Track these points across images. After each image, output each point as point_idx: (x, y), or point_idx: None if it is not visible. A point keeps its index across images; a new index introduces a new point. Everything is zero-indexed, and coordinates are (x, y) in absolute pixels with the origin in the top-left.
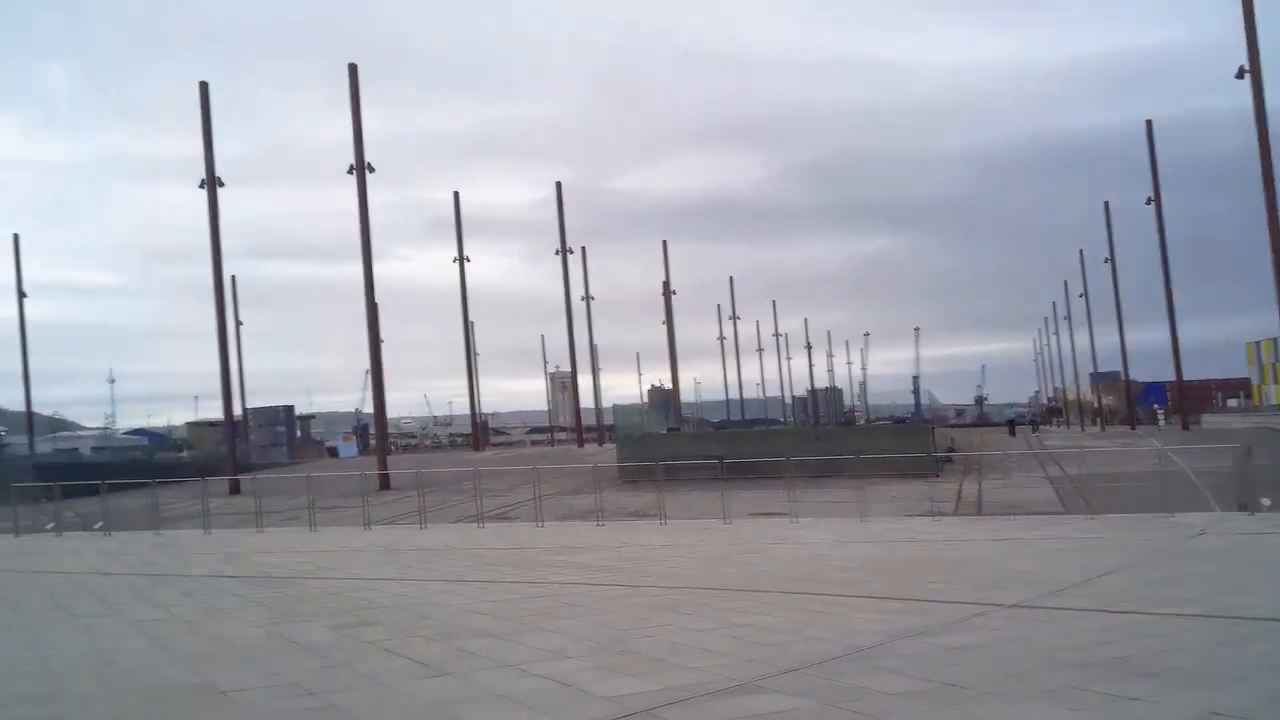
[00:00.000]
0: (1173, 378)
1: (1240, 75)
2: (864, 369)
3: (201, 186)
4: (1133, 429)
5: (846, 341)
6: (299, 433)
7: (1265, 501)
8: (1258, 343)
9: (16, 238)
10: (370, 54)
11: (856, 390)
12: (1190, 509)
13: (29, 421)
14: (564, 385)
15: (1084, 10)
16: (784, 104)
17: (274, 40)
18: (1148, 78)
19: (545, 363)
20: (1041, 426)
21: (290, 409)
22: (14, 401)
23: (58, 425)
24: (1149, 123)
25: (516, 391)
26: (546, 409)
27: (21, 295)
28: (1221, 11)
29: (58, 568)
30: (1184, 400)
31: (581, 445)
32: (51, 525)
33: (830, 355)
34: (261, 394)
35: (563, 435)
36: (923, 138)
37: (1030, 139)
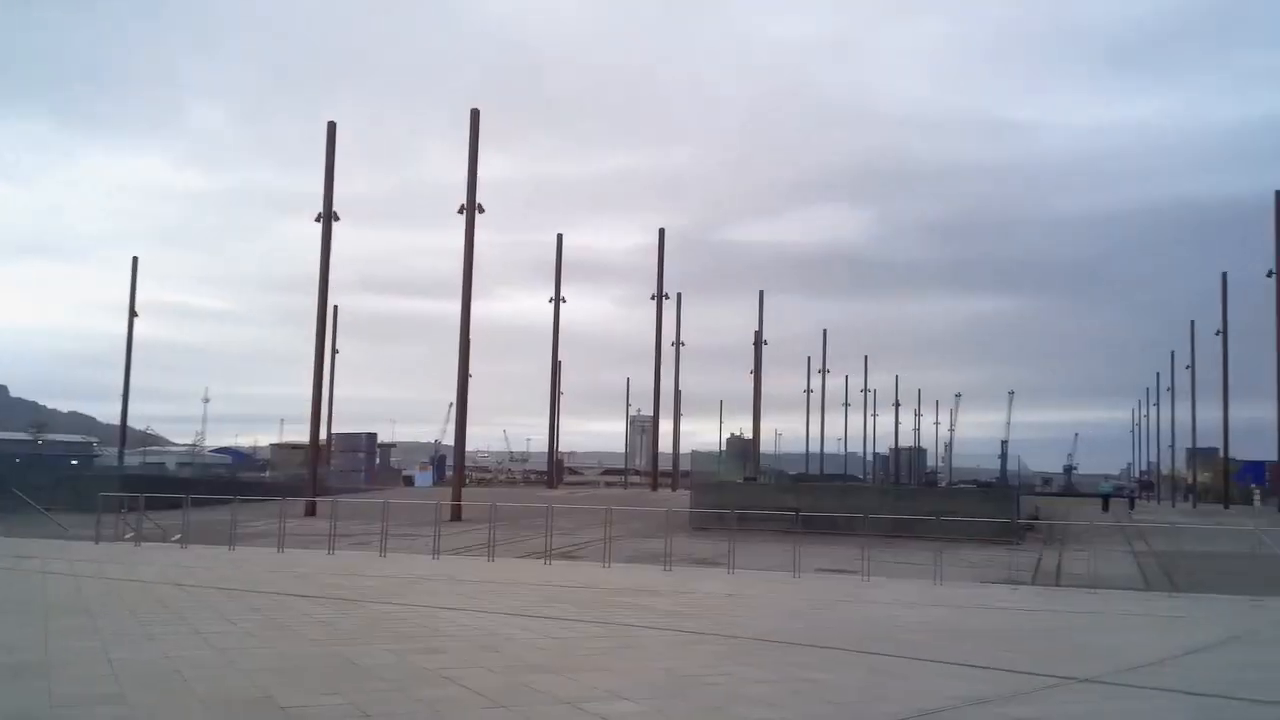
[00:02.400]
0: (1274, 458)
1: None
2: (952, 430)
3: (317, 220)
4: (1226, 507)
5: (937, 401)
6: (378, 460)
7: None
8: None
9: (135, 260)
10: (507, 95)
11: (942, 451)
12: None
13: (122, 435)
14: (643, 428)
15: (1216, 78)
16: (907, 160)
17: (411, 82)
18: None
19: (628, 405)
20: (1138, 503)
21: (373, 436)
22: (111, 415)
23: (150, 440)
24: (1278, 193)
25: (596, 432)
26: (624, 451)
27: (133, 315)
28: None
29: (132, 576)
30: None
31: (655, 489)
32: (131, 534)
33: (919, 414)
34: (348, 419)
35: (637, 478)
36: (1043, 200)
37: (1151, 205)
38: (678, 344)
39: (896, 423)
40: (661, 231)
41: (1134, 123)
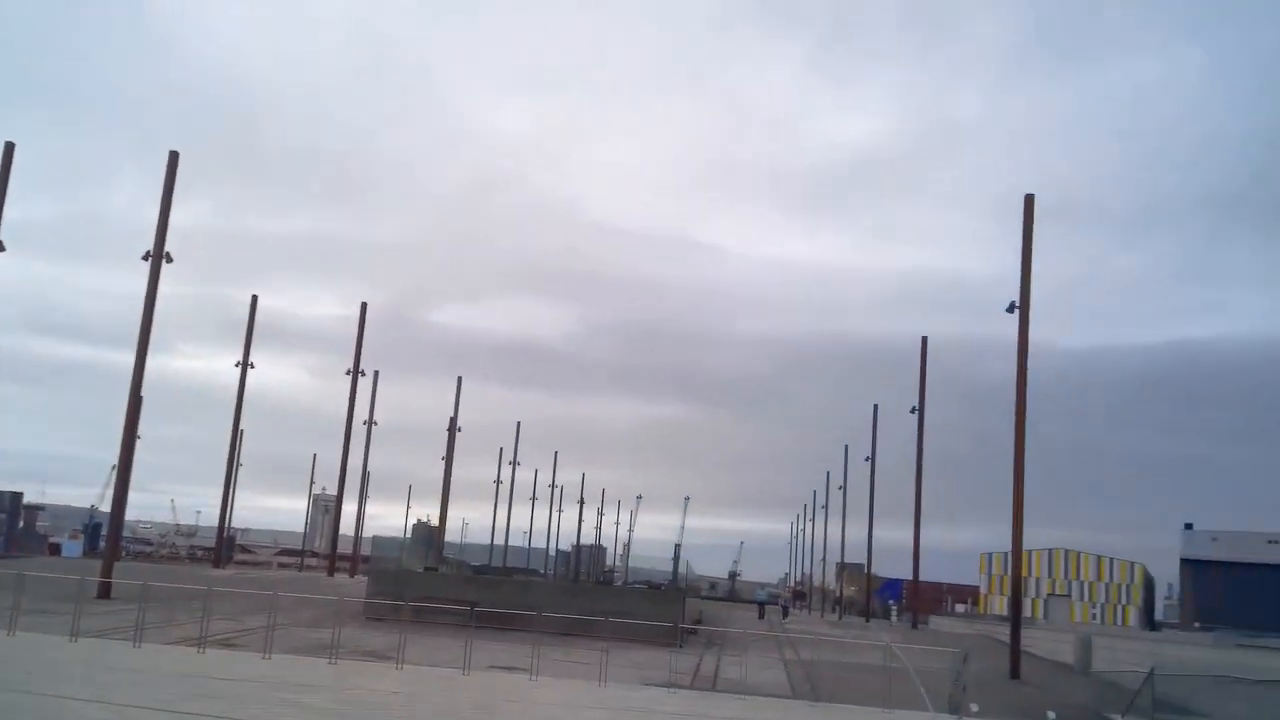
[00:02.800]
0: (910, 576)
1: (1011, 310)
2: (631, 530)
3: None
4: (867, 621)
5: (619, 500)
6: (22, 522)
7: (974, 707)
8: (990, 554)
9: None
10: (216, 139)
11: (621, 550)
12: (908, 706)
13: None
14: (326, 508)
15: (892, 227)
16: (608, 266)
17: (112, 114)
18: (938, 298)
19: (312, 482)
20: (791, 612)
21: (17, 496)
22: None
23: None
24: (924, 339)
25: (275, 508)
26: (303, 531)
27: None
28: (1006, 249)
29: None
30: (917, 600)
31: (333, 574)
32: None
33: (601, 513)
34: None
35: (315, 561)
36: (728, 319)
37: (820, 335)
38: (370, 422)
39: (580, 520)
40: (364, 305)
41: (811, 258)
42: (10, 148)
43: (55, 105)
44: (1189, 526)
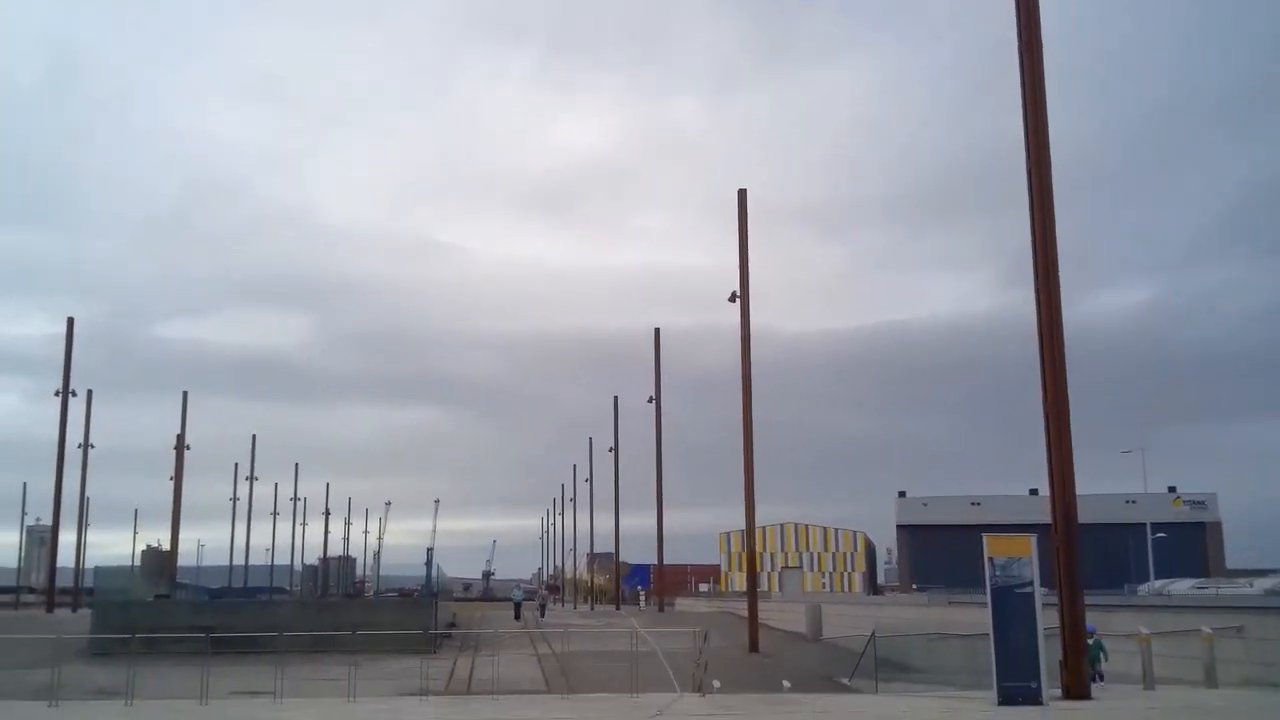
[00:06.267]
0: (656, 561)
1: (732, 299)
2: (380, 538)
3: None
4: (617, 608)
5: (367, 509)
6: None
7: (716, 684)
8: (728, 534)
9: None
10: None
11: (371, 560)
12: (658, 688)
13: None
14: (42, 541)
15: (621, 227)
16: (344, 273)
17: None
18: (668, 292)
19: (24, 514)
20: (548, 607)
21: None
22: None
23: None
24: (657, 330)
25: None
26: (17, 566)
27: None
28: (728, 246)
29: None
30: (663, 583)
31: (51, 609)
32: None
33: (348, 523)
34: None
35: (32, 597)
36: (467, 320)
37: (559, 333)
38: (85, 445)
39: (326, 532)
40: (70, 320)
41: (546, 259)
42: None
43: None
44: (902, 494)
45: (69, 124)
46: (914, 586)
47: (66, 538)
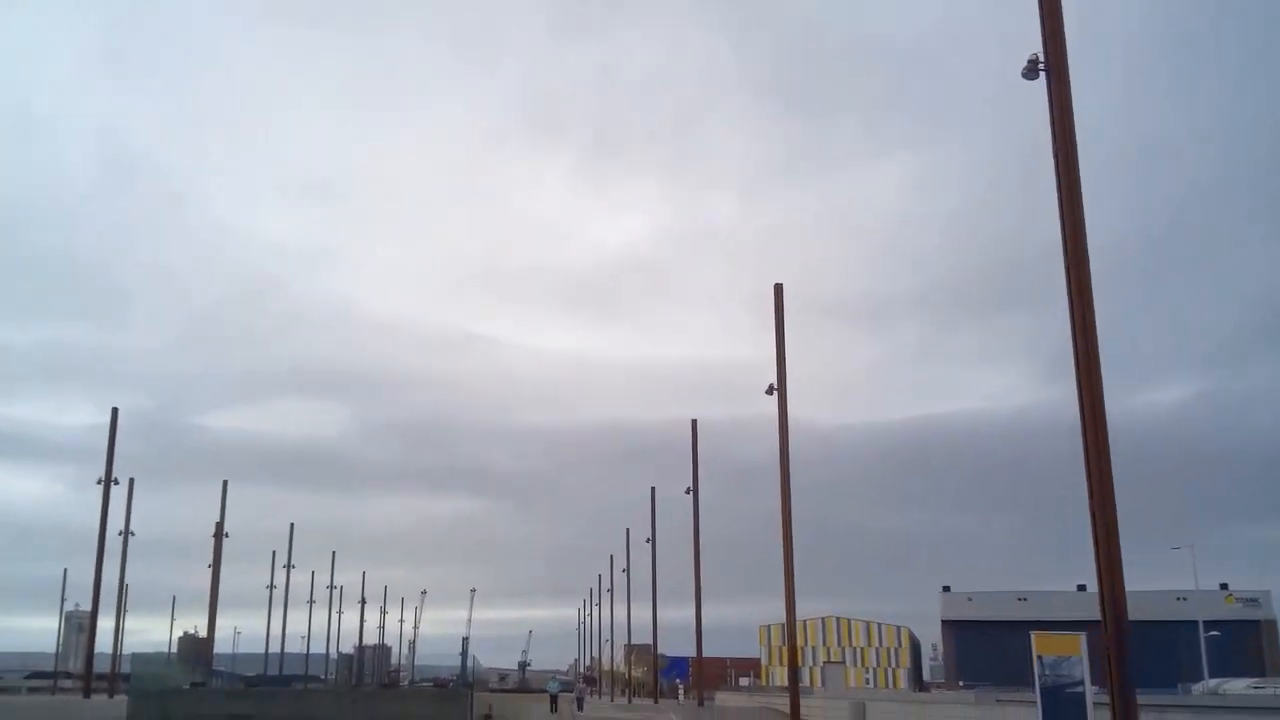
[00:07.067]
0: (695, 653)
1: (770, 391)
2: (416, 627)
3: None
4: (655, 701)
5: (403, 598)
6: None
7: None
8: (769, 626)
9: None
10: None
11: (406, 649)
12: None
13: None
14: (81, 626)
15: (657, 321)
16: (383, 365)
17: None
18: (704, 384)
19: (63, 600)
20: (586, 700)
21: None
22: None
23: None
24: (694, 421)
25: (23, 629)
26: (55, 651)
27: None
28: (763, 339)
29: None
30: (702, 676)
31: (88, 695)
32: None
33: (384, 612)
34: None
35: (70, 683)
36: (504, 412)
37: (596, 424)
38: (126, 533)
39: (362, 620)
40: (114, 410)
41: (583, 353)
42: None
43: None
44: (946, 589)
45: (119, 222)
46: (960, 683)
47: (105, 623)
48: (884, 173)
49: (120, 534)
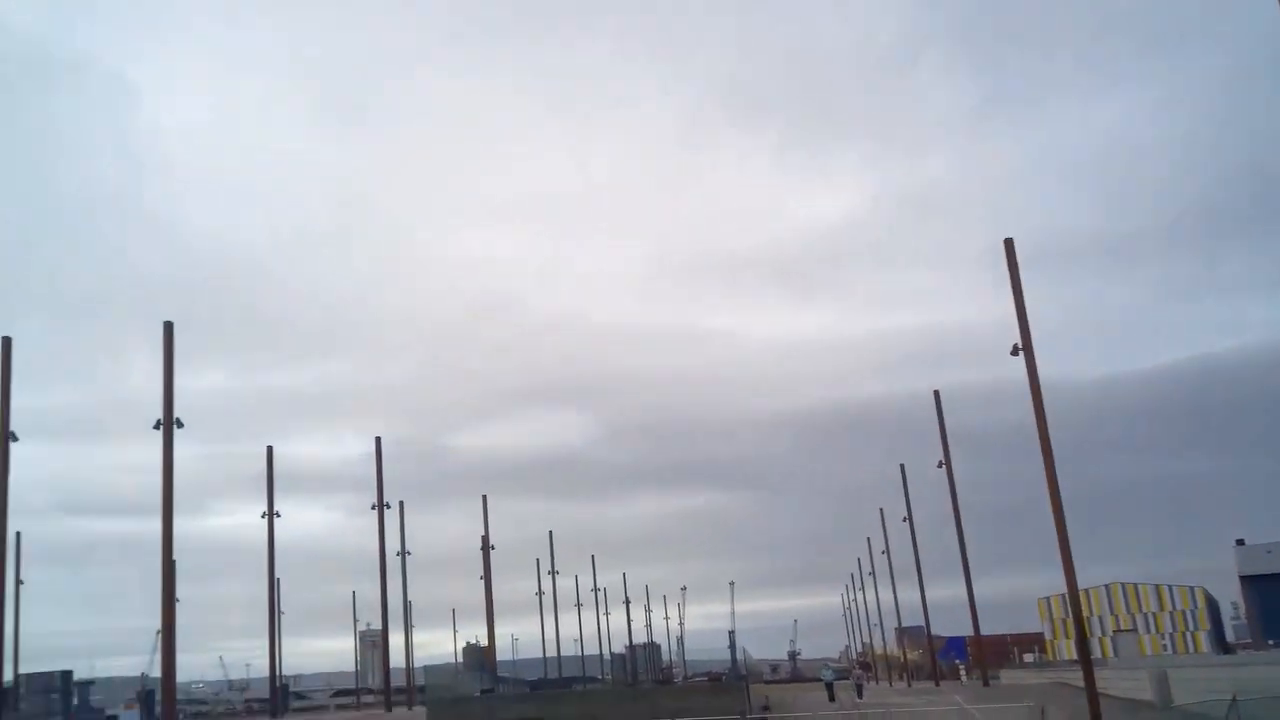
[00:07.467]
0: (970, 632)
1: (1015, 352)
2: (681, 623)
3: None
4: (936, 684)
5: (664, 596)
6: (76, 700)
7: None
8: (1048, 598)
9: None
10: (217, 310)
11: (674, 645)
12: None
13: None
14: (374, 644)
15: (884, 292)
16: (618, 368)
17: (110, 300)
18: (941, 352)
19: (355, 619)
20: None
21: (68, 674)
22: None
23: None
24: (936, 393)
25: (324, 650)
26: (354, 669)
27: None
28: (998, 297)
29: None
30: (983, 655)
31: (389, 708)
32: None
33: (648, 610)
34: (40, 658)
35: (370, 698)
36: (741, 402)
37: (835, 404)
38: (403, 553)
39: (628, 619)
40: (378, 440)
41: (812, 333)
42: (8, 341)
43: (66, 296)
44: (1240, 542)
45: (362, 263)
46: (1270, 643)
47: (395, 639)
48: (1103, 104)
49: (399, 554)
